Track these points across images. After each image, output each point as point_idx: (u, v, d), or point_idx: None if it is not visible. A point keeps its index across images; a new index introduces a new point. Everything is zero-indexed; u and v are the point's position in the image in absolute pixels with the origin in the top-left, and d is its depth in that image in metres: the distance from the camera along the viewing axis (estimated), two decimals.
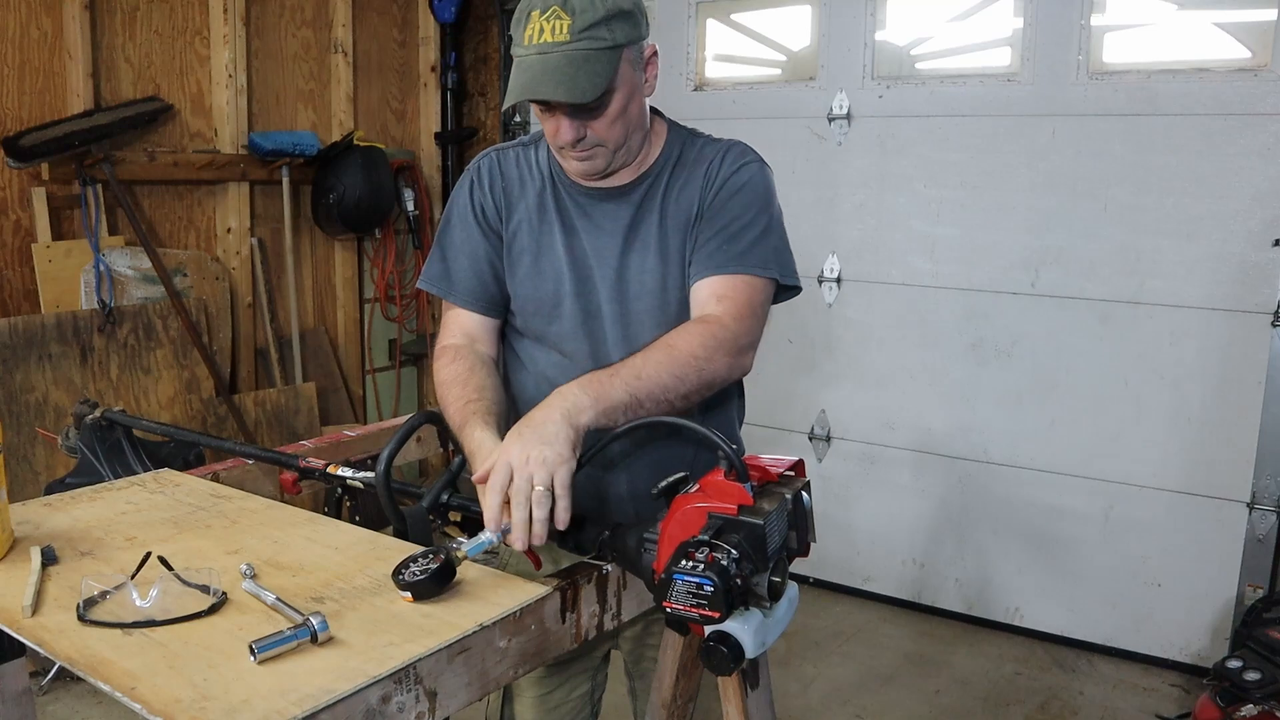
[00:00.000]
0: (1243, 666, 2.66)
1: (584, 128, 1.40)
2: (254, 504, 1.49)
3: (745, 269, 1.44)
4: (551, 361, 1.55)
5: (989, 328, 3.52)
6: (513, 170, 1.57)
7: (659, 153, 1.53)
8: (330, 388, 4.38)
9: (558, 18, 1.32)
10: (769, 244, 1.48)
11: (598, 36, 1.33)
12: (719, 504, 1.11)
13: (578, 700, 1.74)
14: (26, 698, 1.45)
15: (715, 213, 1.48)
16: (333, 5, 4.23)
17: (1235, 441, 3.13)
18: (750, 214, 1.48)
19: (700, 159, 1.53)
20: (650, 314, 1.51)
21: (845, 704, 3.08)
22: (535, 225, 1.54)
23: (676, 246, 1.50)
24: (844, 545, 3.84)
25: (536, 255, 1.53)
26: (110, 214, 3.54)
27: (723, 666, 1.07)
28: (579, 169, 1.46)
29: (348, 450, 1.82)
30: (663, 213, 1.51)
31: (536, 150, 1.58)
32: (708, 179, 1.50)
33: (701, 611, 1.04)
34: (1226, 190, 3.07)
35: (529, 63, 1.35)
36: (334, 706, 0.92)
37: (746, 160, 1.53)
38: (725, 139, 1.57)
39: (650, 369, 1.31)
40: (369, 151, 4.13)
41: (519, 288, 1.55)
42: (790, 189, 3.79)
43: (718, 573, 1.03)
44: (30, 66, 3.32)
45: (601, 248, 1.51)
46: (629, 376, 1.29)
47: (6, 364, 3.20)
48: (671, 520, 1.14)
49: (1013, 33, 3.40)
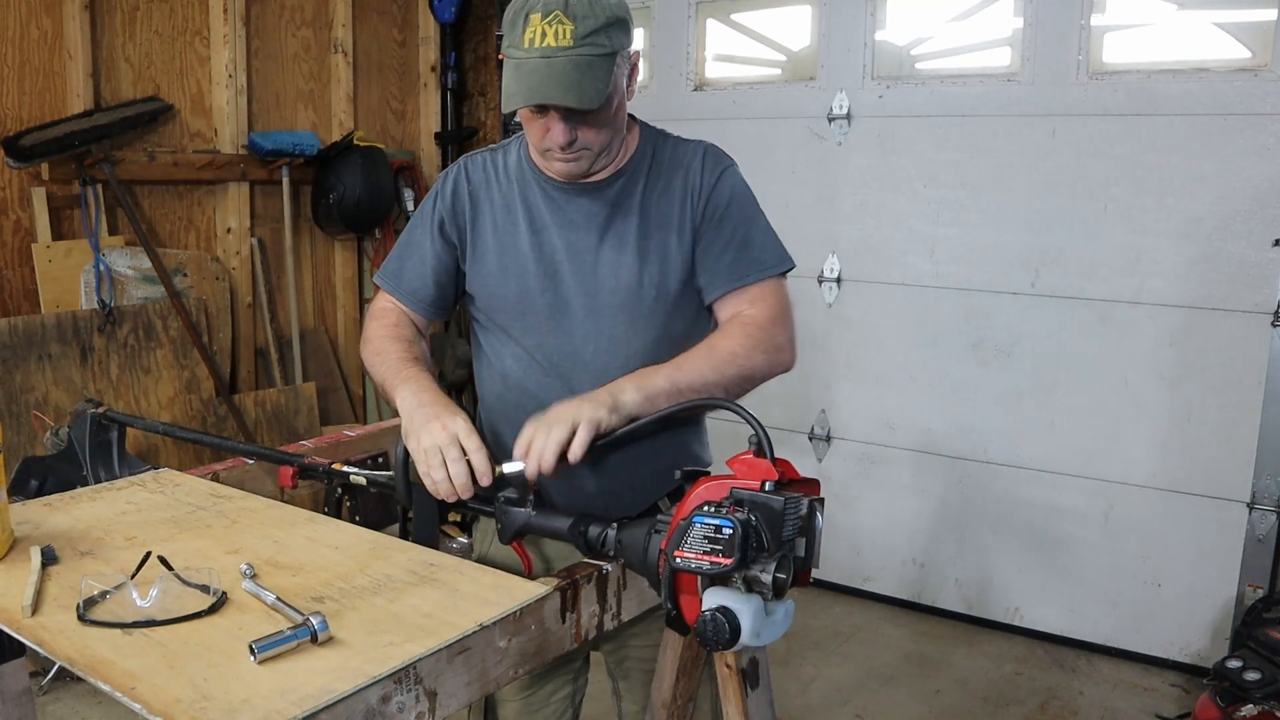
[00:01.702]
0: (1243, 666, 2.66)
1: (575, 131, 1.42)
2: (254, 504, 1.49)
3: (765, 273, 1.54)
4: (517, 356, 1.57)
5: (989, 328, 3.52)
6: (479, 175, 1.60)
7: (633, 151, 1.56)
8: (330, 388, 4.38)
9: (560, 22, 1.34)
10: (771, 240, 1.57)
11: (598, 43, 1.36)
12: (742, 480, 1.13)
13: (559, 703, 1.74)
14: (26, 698, 1.45)
15: (716, 226, 1.53)
16: (333, 5, 4.23)
17: (1235, 441, 3.13)
18: (749, 220, 1.55)
19: (675, 161, 1.57)
20: (624, 309, 1.52)
21: (845, 704, 3.08)
22: (500, 225, 1.57)
23: (657, 245, 1.53)
24: (844, 545, 3.84)
25: (500, 253, 1.56)
26: (110, 214, 3.54)
27: (719, 640, 1.06)
28: (564, 170, 1.48)
29: (348, 450, 1.82)
30: (643, 212, 1.53)
31: (505, 154, 1.61)
32: (688, 187, 1.54)
33: (714, 559, 1.04)
34: (1226, 190, 3.07)
35: (532, 65, 1.35)
36: (334, 706, 0.92)
37: (724, 166, 1.57)
38: (691, 140, 1.61)
39: (690, 363, 1.42)
40: (369, 151, 4.13)
41: (484, 285, 1.58)
42: (790, 189, 3.82)
43: (739, 521, 1.05)
44: (30, 66, 3.32)
45: (574, 243, 1.53)
46: (670, 369, 1.40)
47: (6, 364, 3.20)
48: (690, 497, 1.15)
49: (1013, 33, 3.40)
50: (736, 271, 1.52)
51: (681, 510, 1.15)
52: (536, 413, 1.35)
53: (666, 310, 1.54)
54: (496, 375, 1.60)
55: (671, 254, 1.53)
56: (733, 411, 1.26)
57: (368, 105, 4.47)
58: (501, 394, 1.58)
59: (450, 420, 1.33)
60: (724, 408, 1.31)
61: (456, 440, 1.31)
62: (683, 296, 1.55)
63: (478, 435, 1.33)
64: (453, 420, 1.33)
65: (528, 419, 1.34)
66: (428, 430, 1.33)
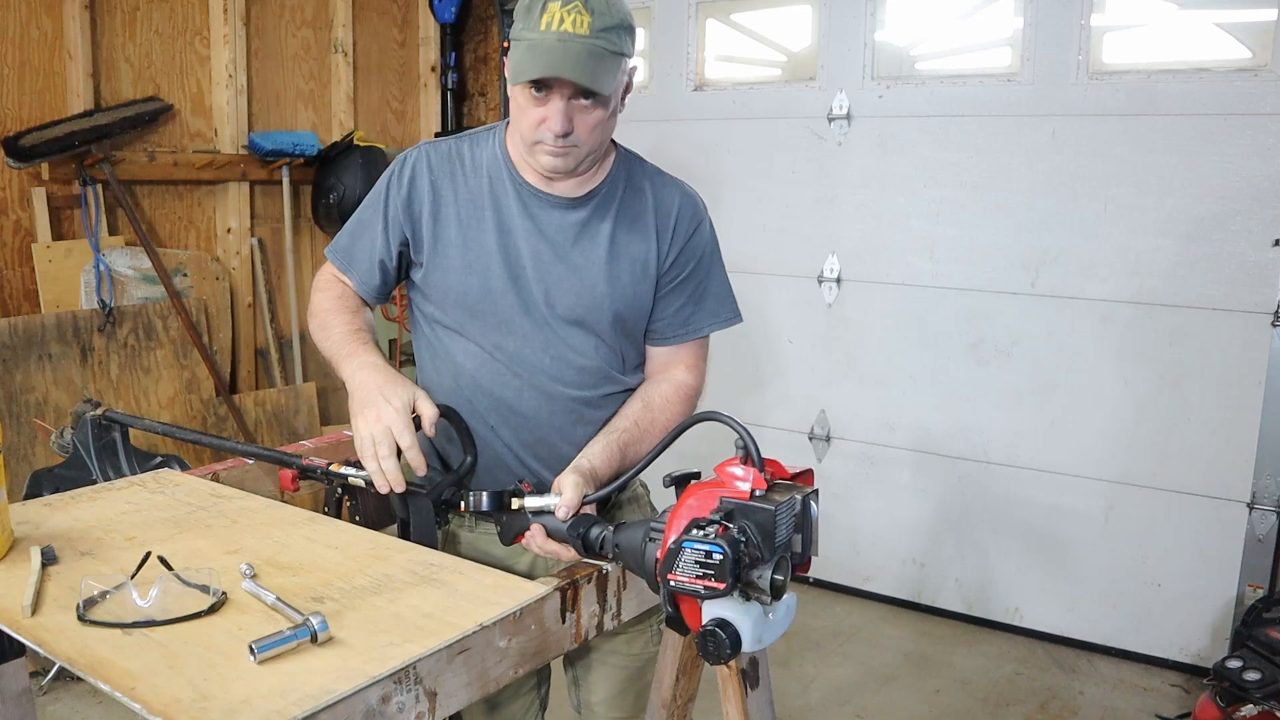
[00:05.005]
0: (1243, 666, 2.66)
1: (572, 121, 1.42)
2: (254, 504, 1.49)
3: (710, 326, 1.65)
4: (471, 352, 1.57)
5: (989, 328, 3.52)
6: (443, 164, 1.57)
7: (608, 171, 1.57)
8: (330, 388, 4.38)
9: (579, 12, 1.36)
10: (725, 293, 1.66)
11: (612, 40, 1.39)
12: (731, 489, 1.12)
13: (526, 699, 1.74)
14: (26, 698, 1.45)
15: (681, 280, 1.60)
16: (333, 5, 4.23)
17: (1235, 441, 3.13)
18: (710, 274, 1.64)
19: (653, 196, 1.59)
20: (581, 325, 1.55)
21: (845, 704, 3.08)
22: (465, 219, 1.55)
23: (622, 273, 1.56)
24: (844, 545, 3.84)
25: (464, 249, 1.54)
26: (110, 214, 3.54)
27: (719, 655, 1.06)
28: (551, 164, 1.47)
29: (348, 450, 1.82)
30: (613, 237, 1.55)
31: (475, 145, 1.59)
32: (661, 230, 1.58)
33: (707, 583, 1.04)
34: (1226, 190, 3.07)
35: (548, 44, 1.36)
36: (334, 706, 0.92)
37: (700, 219, 1.62)
38: (668, 176, 1.64)
39: (637, 448, 1.51)
40: (369, 151, 4.13)
41: (443, 280, 1.56)
42: (790, 189, 3.82)
43: (728, 543, 1.04)
44: (30, 66, 3.32)
45: (540, 252, 1.54)
46: (617, 454, 1.48)
47: (6, 364, 3.20)
48: (682, 505, 1.15)
49: (1013, 33, 3.40)
50: (689, 326, 1.62)
51: (673, 519, 1.14)
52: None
53: (621, 332, 1.59)
54: (446, 368, 1.60)
55: (635, 285, 1.57)
56: (718, 422, 1.26)
57: (368, 105, 4.47)
58: (454, 389, 1.58)
59: (384, 406, 1.35)
60: (709, 420, 1.30)
61: (389, 434, 1.33)
62: (634, 325, 1.60)
63: (413, 428, 1.35)
64: (387, 406, 1.35)
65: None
66: (364, 418, 1.36)
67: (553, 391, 1.55)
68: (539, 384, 1.55)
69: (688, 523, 1.10)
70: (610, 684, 1.70)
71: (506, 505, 1.35)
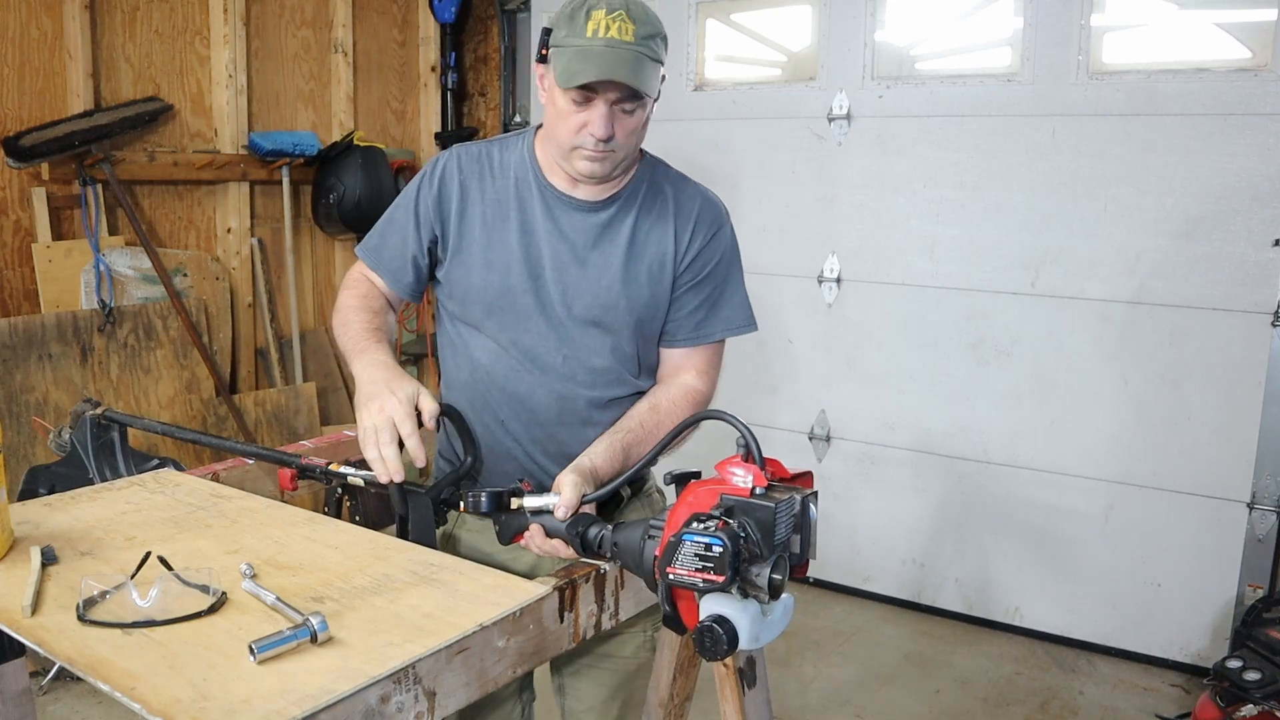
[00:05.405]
0: (1243, 666, 2.66)
1: (614, 126, 1.45)
2: (254, 504, 1.49)
3: (723, 332, 1.66)
4: (487, 348, 1.61)
5: (989, 328, 3.52)
6: (473, 166, 1.62)
7: (631, 176, 1.60)
8: (330, 388, 4.38)
9: (623, 21, 1.41)
10: (740, 299, 1.67)
11: (652, 48, 1.44)
12: (732, 486, 1.13)
13: (509, 703, 1.74)
14: (26, 698, 1.45)
15: (697, 283, 1.61)
16: (333, 5, 4.23)
17: (1235, 441, 3.13)
18: (728, 279, 1.65)
19: (674, 200, 1.61)
20: (598, 325, 1.58)
21: (845, 704, 3.08)
22: (490, 218, 1.59)
23: (639, 275, 1.58)
24: (844, 545, 3.84)
25: (487, 247, 1.58)
26: (110, 214, 3.54)
27: (716, 651, 1.06)
28: (589, 169, 1.50)
29: (348, 450, 1.82)
30: (632, 238, 1.58)
31: (504, 149, 1.63)
32: (680, 235, 1.60)
33: (706, 576, 1.04)
34: (1226, 190, 3.07)
35: (598, 50, 1.40)
36: (334, 706, 0.92)
37: (720, 224, 1.64)
38: (691, 182, 1.66)
39: (640, 449, 1.51)
40: (369, 151, 4.13)
41: (465, 276, 1.60)
42: (790, 189, 3.82)
43: (728, 536, 1.04)
44: (30, 66, 3.32)
45: (560, 253, 1.57)
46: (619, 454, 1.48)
47: (6, 364, 3.20)
48: (682, 503, 1.15)
49: (1013, 33, 3.40)
50: (702, 329, 1.64)
51: (673, 517, 1.14)
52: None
53: (635, 335, 1.60)
54: (464, 363, 1.64)
55: (652, 285, 1.59)
56: (720, 420, 1.27)
57: (368, 105, 4.47)
58: (470, 382, 1.62)
59: (389, 398, 1.36)
60: (711, 418, 1.32)
61: (391, 424, 1.34)
62: (650, 327, 1.62)
63: (415, 419, 1.36)
64: (391, 398, 1.36)
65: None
66: (368, 409, 1.37)
67: (564, 390, 1.58)
68: (551, 382, 1.58)
69: (688, 517, 1.10)
70: (598, 691, 1.70)
71: (505, 505, 1.36)
